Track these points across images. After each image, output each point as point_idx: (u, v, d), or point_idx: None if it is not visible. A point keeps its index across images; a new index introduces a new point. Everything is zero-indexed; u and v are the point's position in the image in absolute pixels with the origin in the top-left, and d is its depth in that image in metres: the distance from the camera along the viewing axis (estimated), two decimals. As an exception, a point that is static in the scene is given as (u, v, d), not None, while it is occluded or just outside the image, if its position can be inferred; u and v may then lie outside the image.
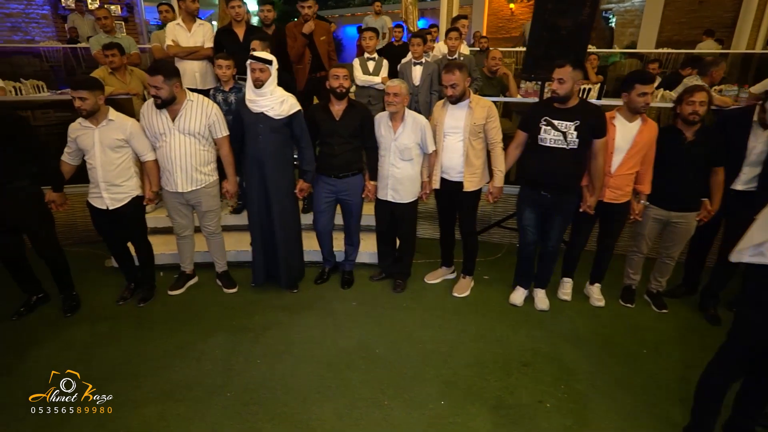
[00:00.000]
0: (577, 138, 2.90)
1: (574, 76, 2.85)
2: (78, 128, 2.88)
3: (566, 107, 2.93)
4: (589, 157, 2.99)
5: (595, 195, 3.06)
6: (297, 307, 3.28)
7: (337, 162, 3.24)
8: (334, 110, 3.20)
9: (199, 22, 4.24)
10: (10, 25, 9.75)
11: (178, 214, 3.26)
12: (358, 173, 3.35)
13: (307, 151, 3.20)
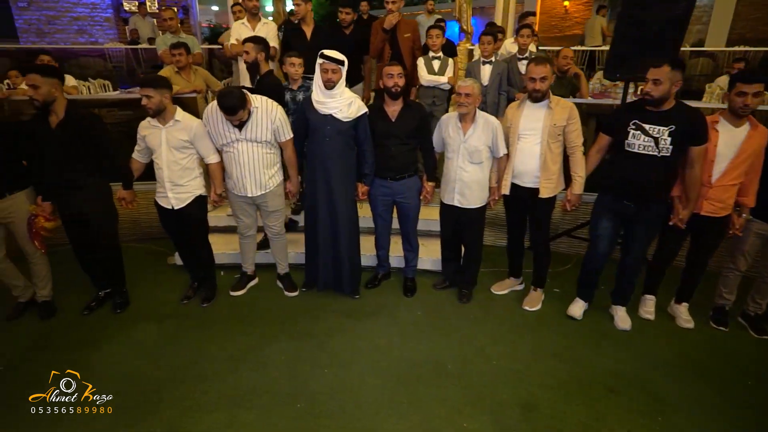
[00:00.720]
0: (671, 144, 2.63)
1: (672, 77, 2.59)
2: (147, 127, 2.89)
3: (660, 110, 2.67)
4: (684, 166, 2.72)
5: (689, 207, 2.78)
6: (360, 314, 3.17)
7: (394, 164, 3.12)
8: (389, 111, 3.08)
9: (263, 21, 4.23)
10: (77, 28, 10.27)
11: (243, 213, 3.23)
12: (414, 174, 3.22)
13: (369, 154, 3.11)
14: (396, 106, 3.06)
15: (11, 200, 2.83)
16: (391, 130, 3.06)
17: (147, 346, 2.81)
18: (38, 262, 3.03)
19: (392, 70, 2.96)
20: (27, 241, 2.93)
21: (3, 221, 2.85)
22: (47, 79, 2.67)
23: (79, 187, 2.84)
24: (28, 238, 2.92)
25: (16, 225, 2.87)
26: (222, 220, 3.90)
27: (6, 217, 2.84)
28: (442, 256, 3.53)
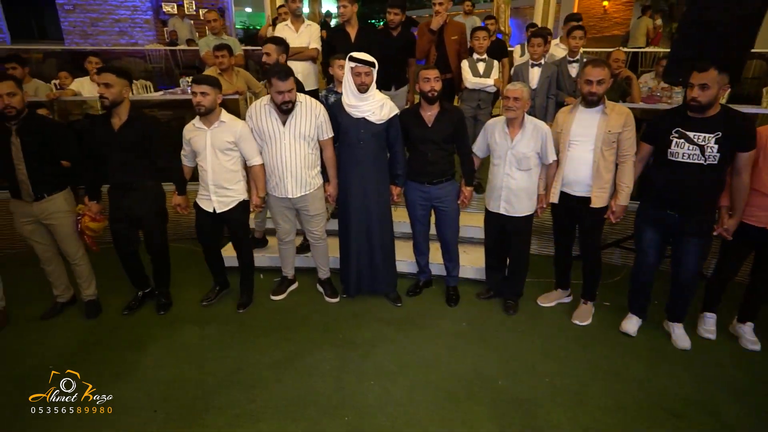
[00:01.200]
0: (717, 152, 2.48)
1: (720, 81, 2.44)
2: (192, 129, 2.88)
3: (704, 116, 2.52)
4: (732, 173, 2.57)
5: (736, 216, 2.63)
6: (404, 324, 3.08)
7: (432, 169, 3.05)
8: (425, 116, 3.00)
9: (306, 23, 4.20)
10: (119, 30, 10.56)
11: (283, 218, 3.19)
12: (452, 179, 3.14)
13: (400, 155, 3.08)
14: (432, 110, 2.99)
15: (50, 201, 2.83)
16: (427, 135, 2.99)
17: (191, 349, 2.80)
18: (80, 263, 3.05)
19: (429, 74, 2.88)
20: (68, 242, 2.94)
21: (45, 222, 2.87)
22: (120, 79, 2.71)
23: (135, 188, 2.86)
24: (71, 239, 2.93)
25: (56, 226, 2.89)
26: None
27: (47, 218, 2.85)
28: (486, 265, 3.42)
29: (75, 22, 10.23)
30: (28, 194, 2.75)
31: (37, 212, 2.82)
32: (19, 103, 2.62)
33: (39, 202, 2.79)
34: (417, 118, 3.01)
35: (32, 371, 2.60)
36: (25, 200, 2.77)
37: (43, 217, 2.84)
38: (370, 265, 3.28)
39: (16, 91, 2.61)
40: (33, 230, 2.88)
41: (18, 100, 2.61)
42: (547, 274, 3.55)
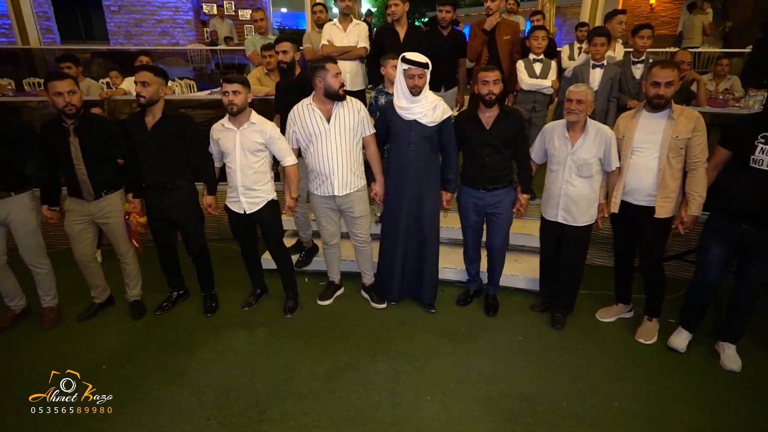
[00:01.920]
0: None
1: None
2: (220, 129, 2.81)
3: None
4: None
5: None
6: (457, 336, 2.95)
7: (488, 174, 2.91)
8: (483, 118, 2.86)
9: (355, 22, 4.12)
10: (160, 30, 10.79)
11: (327, 220, 3.12)
12: (508, 185, 2.99)
13: (453, 159, 2.96)
14: (491, 113, 2.85)
15: (107, 200, 2.84)
16: (485, 138, 2.85)
17: (240, 355, 2.74)
18: (130, 262, 3.06)
19: (488, 76, 2.74)
20: (122, 241, 2.95)
21: (98, 221, 2.87)
22: (157, 78, 2.70)
23: (169, 188, 2.83)
24: (124, 238, 2.94)
25: (111, 225, 2.89)
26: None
27: (102, 217, 2.85)
28: (540, 276, 3.25)
29: (120, 22, 10.51)
30: (89, 193, 2.76)
31: (94, 211, 2.82)
32: (78, 101, 2.62)
33: (98, 200, 2.80)
34: (474, 121, 2.88)
35: (85, 370, 2.59)
36: (85, 199, 2.78)
37: (99, 216, 2.85)
38: (415, 273, 3.18)
39: (76, 90, 2.62)
40: (82, 230, 2.87)
41: (77, 99, 2.62)
42: (604, 286, 3.37)
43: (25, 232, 2.82)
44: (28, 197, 2.82)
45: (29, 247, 2.85)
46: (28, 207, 2.82)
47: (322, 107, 2.84)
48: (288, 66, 3.31)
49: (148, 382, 2.50)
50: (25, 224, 2.81)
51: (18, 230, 2.80)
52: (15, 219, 2.77)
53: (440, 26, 3.89)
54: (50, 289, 3.01)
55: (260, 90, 4.02)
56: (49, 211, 2.84)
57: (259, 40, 4.59)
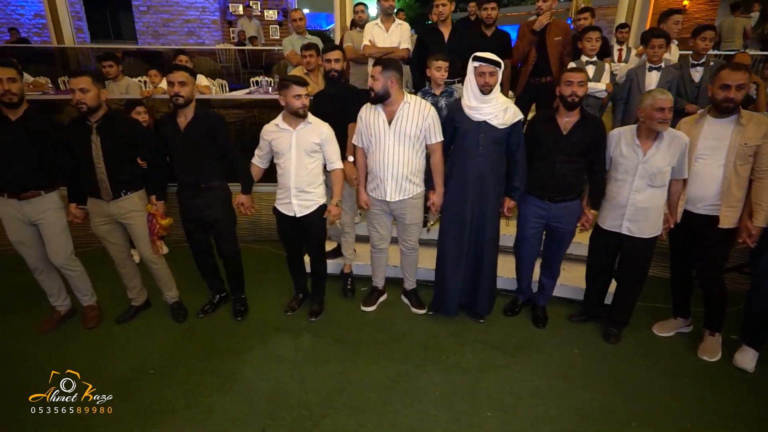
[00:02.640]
0: None
1: None
2: (274, 130, 2.74)
3: None
4: None
5: None
6: (509, 348, 2.84)
7: (556, 183, 2.77)
8: (561, 123, 2.71)
9: (397, 22, 4.03)
10: (187, 30, 10.87)
11: (379, 223, 3.04)
12: (576, 198, 2.83)
13: (521, 165, 2.81)
14: (571, 117, 2.70)
15: (127, 200, 2.76)
16: (560, 144, 2.71)
17: (288, 362, 2.67)
18: (158, 266, 2.98)
19: (573, 77, 2.61)
20: (144, 244, 2.87)
21: (121, 221, 2.81)
22: (192, 78, 2.66)
23: (203, 189, 2.77)
24: (146, 240, 2.86)
25: (132, 226, 2.82)
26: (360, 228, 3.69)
27: (123, 217, 2.79)
28: (587, 286, 3.12)
29: (148, 22, 10.62)
30: (107, 193, 2.68)
31: (114, 211, 2.75)
32: (91, 99, 2.51)
33: (116, 200, 2.72)
34: (551, 124, 2.74)
35: (133, 375, 2.55)
36: (103, 199, 2.71)
37: (120, 216, 2.78)
38: (473, 283, 3.06)
39: (90, 88, 2.51)
40: (109, 230, 2.82)
41: (91, 97, 2.51)
42: (657, 299, 3.23)
43: (56, 232, 2.75)
44: (57, 195, 2.77)
45: (59, 249, 2.77)
46: (57, 205, 2.76)
47: (386, 108, 2.76)
48: (338, 75, 3.14)
49: (198, 388, 2.44)
50: (56, 223, 2.75)
51: (48, 230, 2.73)
52: (46, 218, 2.71)
53: (485, 25, 3.78)
54: (86, 289, 2.98)
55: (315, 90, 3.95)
56: (76, 209, 2.78)
57: (297, 40, 4.53)
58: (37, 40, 9.66)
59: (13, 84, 2.48)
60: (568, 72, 2.66)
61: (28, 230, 2.71)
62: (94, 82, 2.53)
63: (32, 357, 2.68)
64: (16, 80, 2.50)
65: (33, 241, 2.75)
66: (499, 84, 2.70)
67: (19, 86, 2.52)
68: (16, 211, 2.65)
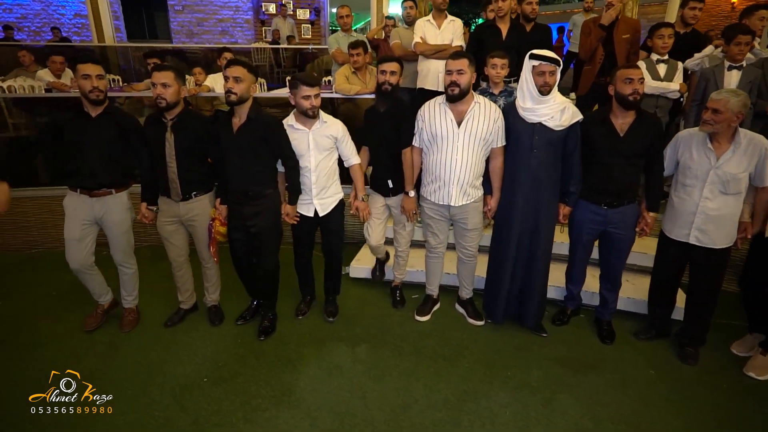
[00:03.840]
0: None
1: None
2: (290, 130, 2.63)
3: None
4: None
5: None
6: (578, 365, 2.65)
7: (613, 187, 2.60)
8: (617, 123, 2.54)
9: (449, 19, 3.87)
10: (221, 29, 10.93)
11: (438, 228, 2.91)
12: (634, 201, 2.66)
13: (577, 169, 2.64)
14: (627, 118, 2.53)
15: (197, 202, 2.68)
16: (617, 146, 2.54)
17: (346, 374, 2.54)
18: (212, 267, 2.92)
19: (633, 73, 2.43)
20: (204, 246, 2.80)
21: (187, 223, 2.74)
22: (250, 74, 2.50)
23: (252, 197, 2.62)
24: (206, 243, 2.78)
25: (197, 228, 2.74)
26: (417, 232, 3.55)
27: (190, 219, 2.71)
28: (651, 299, 2.92)
29: (183, 22, 10.71)
30: (177, 193, 2.62)
31: (182, 212, 2.68)
32: (171, 96, 2.45)
33: (186, 202, 2.66)
34: (605, 126, 2.57)
35: (187, 382, 2.46)
36: (173, 199, 2.65)
37: (187, 218, 2.71)
38: (523, 291, 2.91)
39: (172, 83, 2.44)
40: (173, 231, 2.76)
41: (171, 93, 2.44)
42: (730, 315, 3.03)
43: (120, 232, 2.73)
44: (126, 195, 2.72)
45: (121, 247, 2.77)
46: (125, 205, 2.72)
47: (454, 108, 2.62)
48: (392, 90, 2.75)
49: (255, 400, 2.33)
50: (121, 223, 2.71)
51: (113, 229, 2.71)
52: (112, 218, 2.67)
53: (525, 20, 3.62)
54: (133, 289, 2.94)
55: (350, 89, 3.84)
56: (147, 209, 2.72)
57: (344, 38, 4.42)
58: (77, 39, 9.83)
59: (100, 81, 2.48)
60: (625, 69, 2.48)
61: (88, 230, 2.67)
62: (176, 77, 2.47)
63: (80, 361, 2.60)
64: (103, 77, 2.50)
65: (86, 241, 2.68)
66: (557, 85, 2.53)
67: (105, 83, 2.52)
68: (86, 207, 2.62)
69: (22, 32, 9.56)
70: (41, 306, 3.13)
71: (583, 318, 3.13)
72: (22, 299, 3.21)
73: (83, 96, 2.49)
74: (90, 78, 2.44)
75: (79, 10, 9.95)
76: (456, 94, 2.55)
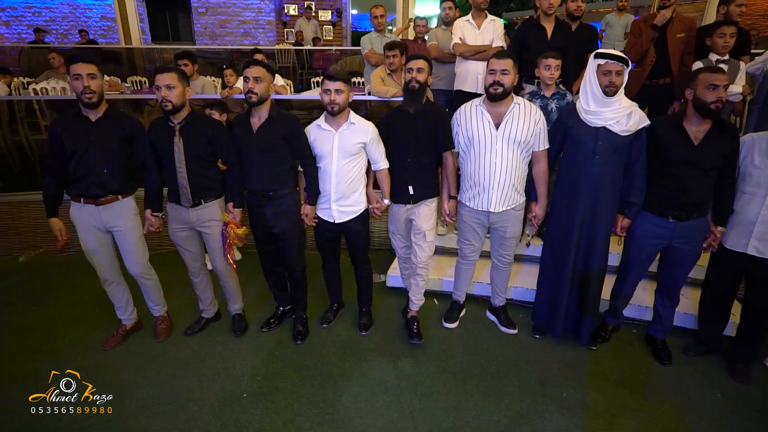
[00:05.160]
0: None
1: None
2: (316, 131, 2.53)
3: None
4: None
5: None
6: (636, 386, 2.49)
7: (686, 201, 2.40)
8: (691, 132, 2.34)
9: (490, 18, 3.73)
10: (243, 31, 10.94)
11: (473, 235, 2.77)
12: (704, 215, 2.47)
13: (640, 179, 2.46)
14: (702, 126, 2.33)
15: (207, 207, 2.58)
16: (691, 156, 2.34)
17: (391, 391, 2.42)
18: (229, 279, 2.81)
19: (719, 79, 2.21)
20: (218, 255, 2.68)
21: (199, 229, 2.63)
22: (269, 74, 2.43)
23: (272, 197, 2.54)
24: (220, 252, 2.66)
25: (209, 235, 2.64)
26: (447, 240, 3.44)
27: (202, 225, 2.61)
28: (703, 313, 2.74)
29: (206, 23, 10.73)
30: (187, 199, 2.51)
31: (193, 218, 2.58)
32: (177, 97, 2.35)
33: (196, 208, 2.55)
34: (678, 133, 2.37)
35: (227, 397, 2.36)
36: (183, 205, 2.54)
37: (198, 224, 2.61)
38: (578, 305, 2.75)
39: (176, 85, 2.34)
40: (186, 238, 2.66)
41: (176, 94, 2.34)
42: None
43: (134, 240, 2.59)
44: (133, 200, 2.60)
45: (137, 258, 2.62)
46: (134, 210, 2.60)
47: (492, 110, 2.49)
48: (420, 87, 2.56)
49: (298, 419, 2.22)
50: (134, 231, 2.59)
51: (126, 238, 2.57)
52: (123, 225, 2.54)
53: (570, 18, 3.45)
54: (159, 297, 2.84)
55: (386, 91, 3.72)
56: (152, 215, 2.60)
57: (377, 38, 4.31)
58: (103, 41, 9.92)
59: (92, 81, 2.32)
60: (709, 73, 2.25)
61: (102, 238, 2.56)
62: (179, 78, 2.37)
63: (117, 374, 2.52)
64: (95, 77, 2.34)
65: (107, 249, 2.60)
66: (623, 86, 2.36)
67: (98, 83, 2.36)
68: (93, 218, 2.50)
69: (50, 35, 9.68)
70: (74, 313, 3.07)
71: (635, 333, 2.95)
72: (55, 305, 3.16)
73: (77, 98, 2.35)
74: (81, 78, 2.29)
75: (105, 13, 10.05)
76: (499, 93, 2.42)
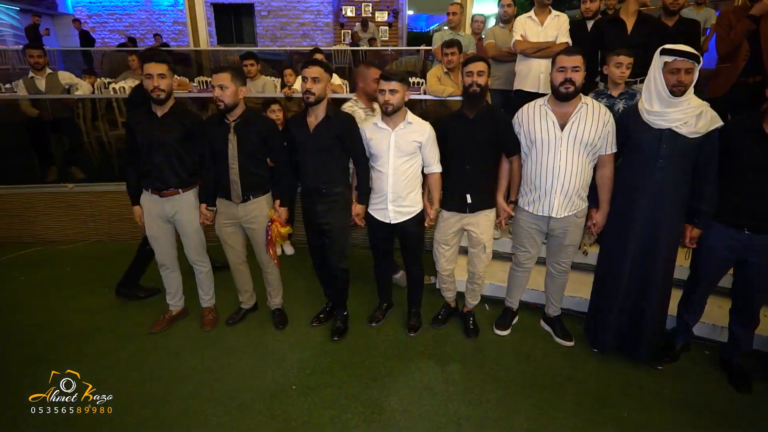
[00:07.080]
0: None
1: None
2: (373, 129, 2.51)
3: None
4: None
5: None
6: (706, 412, 2.28)
7: (762, 210, 2.19)
8: None
9: (554, 14, 3.58)
10: (302, 33, 11.25)
11: (530, 242, 2.67)
12: None
13: (712, 185, 2.27)
14: None
15: (255, 204, 2.64)
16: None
17: (438, 396, 2.37)
18: (272, 271, 2.88)
19: None
20: (262, 249, 2.75)
21: (246, 225, 2.71)
22: (327, 74, 2.46)
23: (325, 194, 2.57)
24: (264, 246, 2.73)
25: (255, 231, 2.70)
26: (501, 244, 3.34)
27: (249, 221, 2.68)
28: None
29: (267, 26, 11.17)
30: (237, 195, 2.59)
31: (241, 215, 2.65)
32: (229, 97, 2.42)
33: (245, 204, 2.62)
34: (757, 136, 2.17)
35: (276, 389, 2.42)
36: (233, 201, 2.62)
37: (246, 220, 2.68)
38: (633, 320, 2.57)
39: (229, 85, 2.41)
40: (231, 233, 2.74)
41: (229, 94, 2.42)
42: None
43: (192, 230, 2.75)
44: (193, 195, 2.73)
45: (194, 245, 2.80)
46: (193, 204, 2.73)
47: (557, 110, 2.38)
48: (481, 91, 2.47)
49: (345, 415, 2.23)
50: (192, 222, 2.73)
51: (185, 228, 2.74)
52: (182, 217, 2.70)
53: (670, 12, 3.19)
54: (209, 288, 2.97)
55: (443, 90, 3.67)
56: (206, 210, 2.71)
57: (448, 34, 4.24)
58: (174, 44, 10.57)
59: (162, 80, 2.46)
60: None
61: (163, 227, 2.74)
62: (233, 78, 2.45)
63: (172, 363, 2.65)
64: (165, 76, 2.48)
65: (166, 237, 2.77)
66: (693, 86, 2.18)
67: (168, 83, 2.50)
68: (157, 208, 2.67)
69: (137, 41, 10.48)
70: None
71: (708, 355, 2.71)
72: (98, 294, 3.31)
73: (148, 95, 2.51)
74: (152, 77, 2.44)
75: (177, 18, 10.71)
76: (571, 92, 2.31)
